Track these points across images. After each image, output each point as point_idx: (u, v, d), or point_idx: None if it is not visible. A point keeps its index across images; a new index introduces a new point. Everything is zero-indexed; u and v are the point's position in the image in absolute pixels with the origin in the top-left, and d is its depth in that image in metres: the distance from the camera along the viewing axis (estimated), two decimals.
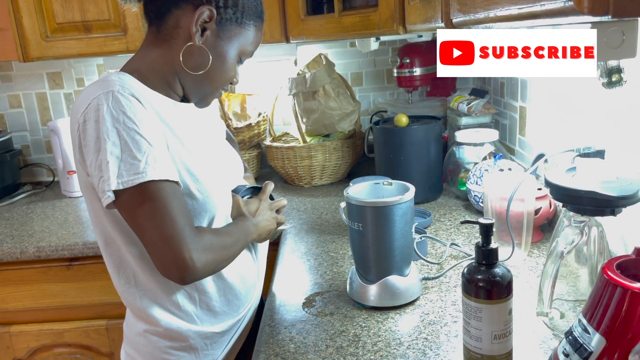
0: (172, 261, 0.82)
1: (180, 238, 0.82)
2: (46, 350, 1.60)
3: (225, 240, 0.92)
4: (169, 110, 0.93)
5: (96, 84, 0.87)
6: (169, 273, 0.84)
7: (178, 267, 0.82)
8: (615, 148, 0.97)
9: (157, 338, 0.98)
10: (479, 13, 0.71)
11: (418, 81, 1.78)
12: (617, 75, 0.75)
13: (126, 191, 0.82)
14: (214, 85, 0.97)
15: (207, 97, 1.00)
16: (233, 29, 0.93)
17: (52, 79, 2.07)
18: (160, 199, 0.82)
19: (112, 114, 0.82)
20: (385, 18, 1.38)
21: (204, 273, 0.87)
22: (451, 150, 1.58)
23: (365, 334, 0.92)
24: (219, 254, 0.89)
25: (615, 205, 0.79)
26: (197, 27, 0.91)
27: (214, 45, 0.93)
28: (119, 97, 0.83)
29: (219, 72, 0.95)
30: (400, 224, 0.97)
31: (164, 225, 0.82)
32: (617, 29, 0.64)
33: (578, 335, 0.68)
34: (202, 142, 0.98)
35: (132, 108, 0.84)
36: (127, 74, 0.91)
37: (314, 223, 1.49)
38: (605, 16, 0.45)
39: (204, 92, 0.99)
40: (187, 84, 0.96)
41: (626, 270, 0.67)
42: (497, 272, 0.75)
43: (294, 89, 1.81)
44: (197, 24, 0.90)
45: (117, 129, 0.82)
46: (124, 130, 0.82)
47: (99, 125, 0.82)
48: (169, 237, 0.82)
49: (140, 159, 0.81)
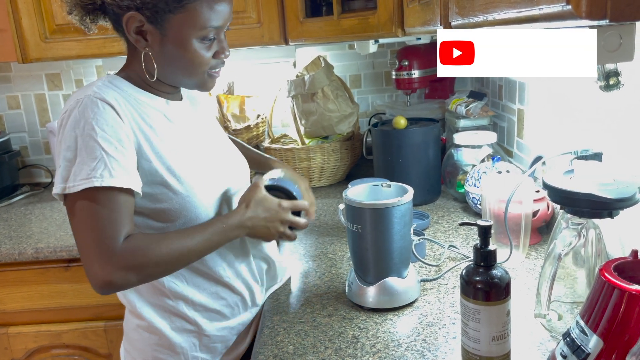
0: (89, 271, 0.83)
1: (99, 251, 0.82)
2: (44, 352, 1.59)
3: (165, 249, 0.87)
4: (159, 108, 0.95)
5: (81, 89, 0.91)
6: (89, 280, 0.84)
7: (92, 278, 0.83)
8: (612, 150, 0.98)
9: (148, 334, 0.99)
10: (478, 16, 0.71)
11: (416, 83, 1.78)
12: (615, 79, 0.76)
13: (69, 195, 0.84)
14: (191, 73, 0.95)
15: (198, 83, 0.98)
16: (170, 18, 0.89)
17: (50, 80, 2.07)
18: (93, 207, 0.83)
19: (75, 119, 0.85)
20: (383, 21, 1.38)
21: (122, 286, 0.87)
22: (449, 153, 1.58)
23: (363, 336, 0.92)
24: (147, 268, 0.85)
25: (613, 208, 0.79)
26: (134, 36, 0.91)
27: (163, 43, 0.91)
28: (88, 103, 0.85)
29: (185, 61, 0.93)
30: (399, 226, 0.98)
31: (88, 235, 0.83)
32: (615, 32, 0.64)
33: (576, 336, 0.69)
34: (193, 140, 0.99)
35: (97, 114, 0.85)
36: (119, 76, 0.95)
37: (312, 225, 1.49)
38: (603, 20, 0.45)
39: (188, 82, 0.98)
40: (168, 80, 0.97)
41: (623, 272, 0.68)
42: (495, 274, 0.75)
43: (293, 91, 1.81)
44: (131, 33, 0.90)
45: (75, 134, 0.84)
46: (80, 135, 0.84)
47: (64, 130, 0.86)
48: (90, 247, 0.83)
49: (91, 165, 0.82)
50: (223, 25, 0.94)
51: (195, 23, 0.90)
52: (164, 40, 0.91)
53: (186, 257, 0.90)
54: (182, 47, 0.91)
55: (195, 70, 0.94)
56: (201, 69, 0.94)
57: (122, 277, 0.83)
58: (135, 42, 0.92)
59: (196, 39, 0.91)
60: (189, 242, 0.89)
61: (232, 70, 2.04)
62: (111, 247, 0.83)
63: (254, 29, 1.67)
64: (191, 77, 0.95)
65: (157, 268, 0.87)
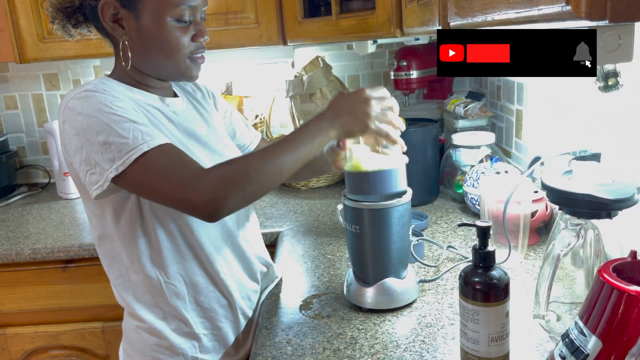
0: (190, 205, 0.83)
1: (186, 181, 0.82)
2: (42, 353, 1.59)
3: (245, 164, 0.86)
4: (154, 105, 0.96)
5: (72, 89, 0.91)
6: (200, 217, 0.85)
7: (195, 209, 0.83)
8: (611, 151, 0.98)
9: (148, 335, 0.98)
10: (477, 17, 0.71)
11: (415, 84, 1.78)
12: (614, 79, 0.76)
13: (126, 171, 0.82)
14: (169, 57, 0.93)
15: (180, 70, 0.96)
16: (143, 1, 0.90)
17: (48, 80, 2.06)
18: (156, 163, 0.83)
19: (88, 106, 0.85)
20: (382, 21, 1.38)
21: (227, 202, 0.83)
22: (448, 153, 1.58)
23: (362, 337, 0.92)
24: (238, 180, 0.84)
25: (611, 209, 0.79)
26: (111, 24, 0.91)
27: (139, 27, 0.91)
28: (91, 93, 0.86)
29: (162, 44, 0.92)
30: (397, 227, 0.97)
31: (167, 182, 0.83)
32: (614, 33, 0.64)
33: (574, 337, 0.69)
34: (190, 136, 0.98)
35: (105, 99, 0.86)
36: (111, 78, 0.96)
37: (311, 225, 1.49)
38: (602, 21, 0.45)
39: (169, 69, 0.96)
40: (151, 71, 0.96)
41: (622, 273, 0.68)
42: (494, 275, 0.75)
43: (291, 91, 1.81)
44: (107, 22, 0.91)
45: (96, 117, 0.84)
46: (103, 117, 0.84)
47: (78, 122, 0.85)
48: (177, 185, 0.82)
49: (128, 136, 0.83)
50: (198, 7, 0.93)
51: (169, 1, 0.90)
52: (139, 24, 0.91)
53: (279, 168, 0.86)
54: (157, 28, 0.90)
55: (174, 53, 0.93)
56: (181, 53, 0.93)
57: (223, 192, 0.82)
58: (113, 30, 0.92)
59: (171, 18, 0.91)
60: (279, 152, 0.87)
61: (231, 71, 2.04)
62: (197, 172, 0.83)
63: (252, 29, 1.67)
64: (171, 62, 0.94)
65: (249, 179, 0.84)
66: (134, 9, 0.90)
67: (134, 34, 0.92)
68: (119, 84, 0.94)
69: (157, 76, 0.98)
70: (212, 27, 1.67)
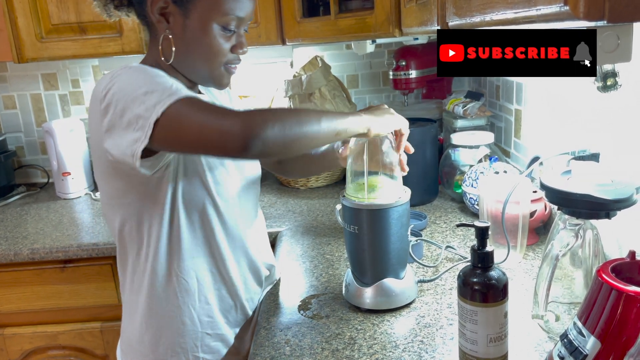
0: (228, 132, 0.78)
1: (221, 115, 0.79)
2: (40, 353, 1.59)
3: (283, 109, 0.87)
4: None
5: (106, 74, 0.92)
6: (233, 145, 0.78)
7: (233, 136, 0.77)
8: (610, 151, 0.98)
9: (147, 334, 0.98)
10: (475, 17, 0.71)
11: (414, 84, 1.78)
12: (612, 79, 0.76)
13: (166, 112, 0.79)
14: (207, 61, 0.94)
15: (214, 76, 0.97)
16: (195, 1, 0.90)
17: (47, 80, 2.06)
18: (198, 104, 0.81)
19: (132, 71, 0.86)
20: (381, 21, 1.38)
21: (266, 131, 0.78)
22: (447, 153, 1.58)
23: (361, 337, 0.92)
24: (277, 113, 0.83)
25: (610, 209, 0.79)
26: (157, 16, 0.91)
27: (185, 25, 0.91)
28: (132, 66, 0.88)
29: (204, 47, 0.93)
30: (396, 227, 0.97)
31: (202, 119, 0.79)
32: (612, 33, 0.64)
33: (573, 338, 0.69)
34: None
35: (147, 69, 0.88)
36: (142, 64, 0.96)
37: (309, 225, 1.49)
38: (601, 21, 0.45)
39: (204, 72, 0.97)
40: (184, 70, 0.96)
41: (621, 273, 0.68)
42: (493, 275, 0.75)
43: (290, 91, 1.81)
44: (154, 13, 0.91)
45: (142, 75, 0.85)
46: (147, 76, 0.85)
47: (123, 83, 0.85)
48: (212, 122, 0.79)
49: (170, 85, 0.83)
50: (245, 19, 0.95)
51: (220, 8, 0.91)
52: (186, 22, 0.91)
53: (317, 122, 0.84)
54: (202, 31, 0.91)
55: (212, 58, 0.94)
56: (218, 59, 0.94)
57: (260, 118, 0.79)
58: (157, 22, 0.92)
59: (217, 25, 0.92)
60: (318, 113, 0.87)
61: None
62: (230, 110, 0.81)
63: (251, 28, 1.67)
64: (207, 66, 0.95)
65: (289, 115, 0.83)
66: (184, 7, 0.90)
67: (178, 30, 0.92)
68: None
69: (189, 76, 0.98)
70: None
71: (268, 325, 0.98)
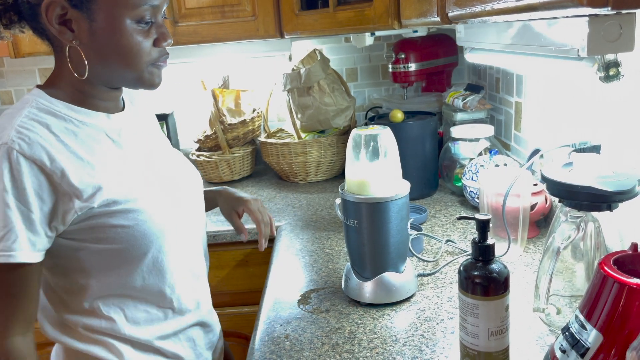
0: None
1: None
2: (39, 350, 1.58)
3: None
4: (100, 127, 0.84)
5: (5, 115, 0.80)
6: None
7: None
8: (611, 143, 0.97)
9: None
10: (476, 6, 0.70)
11: (413, 77, 1.77)
12: (615, 69, 0.75)
13: None
14: (129, 65, 0.81)
15: (141, 78, 0.83)
16: (97, 0, 0.77)
17: (43, 75, 2.05)
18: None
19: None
20: (380, 13, 1.37)
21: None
22: (446, 146, 1.57)
23: (361, 331, 0.91)
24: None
25: (612, 201, 0.78)
26: (57, 27, 0.78)
27: (92, 30, 0.78)
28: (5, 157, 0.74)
29: (121, 49, 0.79)
30: (396, 220, 0.97)
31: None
32: (615, 22, 0.63)
33: (575, 331, 0.68)
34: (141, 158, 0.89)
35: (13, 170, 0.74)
36: (48, 94, 0.82)
37: (309, 219, 1.48)
38: (604, 8, 0.44)
39: (128, 77, 0.83)
40: (103, 79, 0.83)
41: (623, 265, 0.67)
42: (494, 268, 0.74)
43: (289, 85, 1.80)
44: (53, 24, 0.77)
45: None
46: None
47: None
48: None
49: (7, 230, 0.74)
50: (160, 5, 0.81)
51: (128, 0, 0.78)
52: (92, 26, 0.78)
53: None
54: (115, 32, 0.78)
55: (134, 60, 0.80)
56: (142, 60, 0.81)
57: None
58: (59, 33, 0.78)
59: (130, 21, 0.78)
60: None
61: (227, 64, 2.02)
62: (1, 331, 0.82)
63: (249, 22, 1.66)
64: (131, 69, 0.81)
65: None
66: (86, 9, 0.77)
67: (85, 38, 0.78)
68: (60, 104, 0.81)
69: (111, 85, 0.85)
70: (208, 20, 1.66)
71: (267, 320, 0.98)
